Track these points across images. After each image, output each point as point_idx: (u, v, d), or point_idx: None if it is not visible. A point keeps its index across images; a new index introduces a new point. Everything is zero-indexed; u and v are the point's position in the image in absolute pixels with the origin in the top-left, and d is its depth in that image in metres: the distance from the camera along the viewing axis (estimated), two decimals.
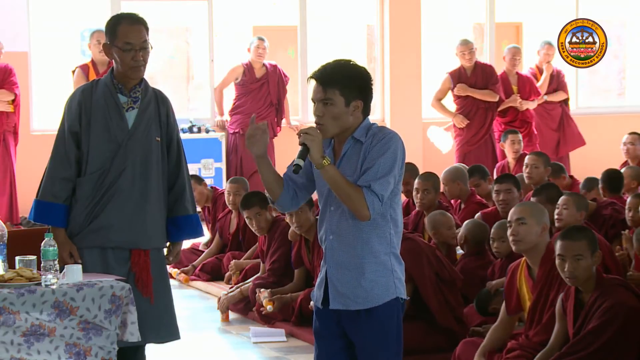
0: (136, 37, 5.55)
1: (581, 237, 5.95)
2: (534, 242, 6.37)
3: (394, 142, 4.45)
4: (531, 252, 6.37)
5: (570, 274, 5.87)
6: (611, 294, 5.82)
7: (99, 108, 5.61)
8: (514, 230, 6.43)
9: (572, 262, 5.86)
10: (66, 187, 5.59)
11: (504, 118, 13.21)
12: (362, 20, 15.97)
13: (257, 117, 13.06)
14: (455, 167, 9.92)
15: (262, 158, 4.49)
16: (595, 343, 5.74)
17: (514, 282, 6.49)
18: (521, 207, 6.60)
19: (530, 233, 6.38)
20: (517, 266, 6.53)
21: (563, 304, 6.03)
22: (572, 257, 5.87)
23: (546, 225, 6.46)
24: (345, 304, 4.49)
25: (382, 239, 4.49)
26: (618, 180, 9.20)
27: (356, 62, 4.51)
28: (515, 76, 13.36)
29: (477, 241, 8.01)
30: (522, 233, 6.39)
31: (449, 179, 9.49)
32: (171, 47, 15.75)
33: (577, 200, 7.65)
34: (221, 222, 10.31)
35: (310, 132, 4.39)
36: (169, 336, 5.79)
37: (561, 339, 5.99)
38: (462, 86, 12.87)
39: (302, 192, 4.64)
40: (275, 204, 4.65)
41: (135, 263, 5.63)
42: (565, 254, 5.88)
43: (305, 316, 7.86)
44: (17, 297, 4.87)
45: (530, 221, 6.40)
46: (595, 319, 5.79)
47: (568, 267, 5.86)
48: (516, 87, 13.31)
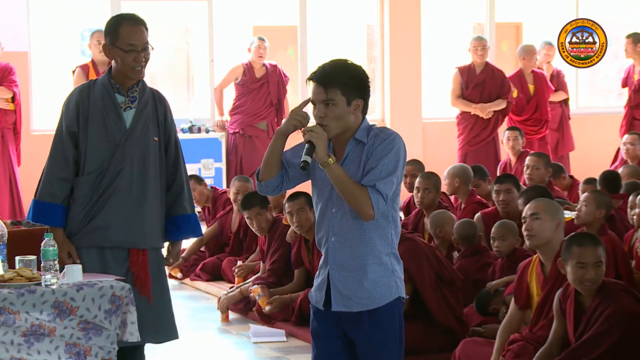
0: (138, 38, 5.55)
1: (598, 242, 5.89)
2: (547, 237, 6.37)
3: (396, 143, 4.45)
4: (545, 248, 6.36)
5: (593, 282, 5.81)
6: (613, 300, 5.77)
7: (96, 108, 5.61)
8: (528, 225, 6.43)
9: (594, 269, 5.82)
10: (64, 187, 5.59)
11: (519, 117, 13.18)
12: (362, 20, 15.96)
13: (257, 117, 13.14)
14: (461, 165, 9.94)
15: (284, 136, 4.52)
16: (597, 350, 5.70)
17: (524, 278, 6.48)
18: (536, 202, 6.58)
19: (544, 229, 6.38)
20: (529, 263, 6.52)
21: (561, 304, 6.01)
22: (593, 264, 5.82)
23: (560, 221, 6.46)
24: (348, 305, 4.49)
25: (384, 239, 4.50)
26: (616, 180, 9.20)
27: (353, 62, 4.51)
28: (531, 75, 13.32)
29: (465, 239, 8.00)
30: (536, 228, 6.39)
31: (450, 174, 9.52)
32: (171, 47, 15.74)
33: (598, 198, 7.53)
34: (222, 220, 10.28)
35: (316, 129, 4.39)
36: (167, 336, 5.79)
37: (560, 338, 5.98)
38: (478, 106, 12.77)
39: (289, 183, 4.62)
40: (260, 181, 4.61)
41: (134, 263, 5.63)
42: (587, 260, 5.81)
43: (305, 316, 7.86)
44: (17, 297, 4.87)
45: (545, 217, 6.41)
46: (597, 325, 5.75)
47: (589, 274, 5.79)
48: (532, 86, 13.28)
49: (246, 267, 9.36)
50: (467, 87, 12.86)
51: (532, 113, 13.23)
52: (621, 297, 5.83)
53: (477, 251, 8.02)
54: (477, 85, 12.90)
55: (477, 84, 12.89)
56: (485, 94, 12.89)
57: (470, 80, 12.90)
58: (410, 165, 10.19)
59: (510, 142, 11.87)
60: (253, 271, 9.20)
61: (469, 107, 12.83)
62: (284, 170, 4.60)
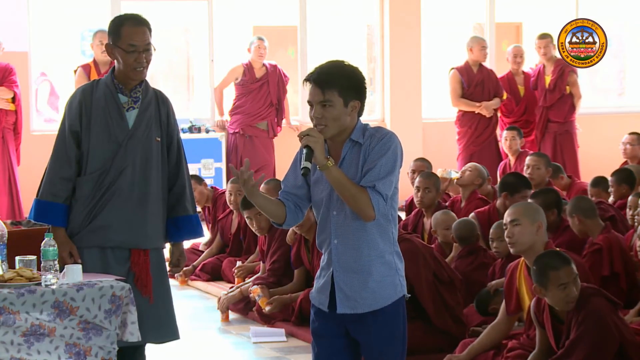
0: (140, 39, 5.55)
1: (567, 260, 5.90)
2: (530, 242, 6.35)
3: (393, 142, 4.45)
4: (529, 252, 6.34)
5: (575, 297, 5.84)
6: (588, 304, 5.80)
7: (99, 108, 5.61)
8: (509, 232, 6.42)
9: (574, 284, 5.84)
10: (66, 186, 5.59)
11: (508, 118, 13.19)
12: (362, 20, 15.96)
13: (257, 117, 13.14)
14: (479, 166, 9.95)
15: (255, 197, 4.44)
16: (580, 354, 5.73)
17: (514, 282, 6.48)
18: (514, 208, 6.56)
19: (525, 233, 6.36)
20: (516, 266, 6.52)
21: (537, 316, 6.01)
22: (573, 280, 5.84)
23: (541, 223, 6.43)
24: (354, 307, 4.48)
25: (386, 238, 4.50)
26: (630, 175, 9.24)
27: (350, 63, 4.50)
28: (521, 76, 13.33)
29: (463, 239, 8.01)
30: (517, 234, 6.37)
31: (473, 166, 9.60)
32: (171, 47, 15.73)
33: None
34: (222, 222, 10.31)
35: (312, 133, 4.38)
36: (168, 336, 5.79)
37: (546, 346, 6.00)
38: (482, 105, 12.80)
39: (304, 202, 4.60)
40: (283, 226, 4.62)
41: (135, 263, 5.63)
42: (567, 280, 5.83)
43: (305, 316, 7.86)
44: (17, 297, 4.87)
45: (524, 221, 6.38)
46: (574, 331, 5.78)
47: (572, 292, 5.82)
48: (522, 87, 13.28)
49: (246, 268, 9.36)
50: (469, 86, 12.87)
51: (521, 115, 13.23)
52: (595, 301, 5.83)
53: (473, 251, 8.02)
54: (478, 84, 12.91)
55: (477, 83, 12.91)
56: (485, 93, 12.91)
57: (471, 80, 12.90)
58: (419, 162, 10.22)
59: (508, 142, 11.90)
60: (253, 272, 9.21)
61: (472, 106, 12.83)
62: (291, 197, 4.56)
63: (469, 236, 8.02)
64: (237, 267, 9.40)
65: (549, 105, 12.98)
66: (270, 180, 9.97)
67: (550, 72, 13.00)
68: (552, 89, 12.95)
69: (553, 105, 12.98)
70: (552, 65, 12.97)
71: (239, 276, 9.27)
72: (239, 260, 9.66)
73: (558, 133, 12.98)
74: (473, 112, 12.86)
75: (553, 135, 12.98)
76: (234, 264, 9.59)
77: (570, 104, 13.01)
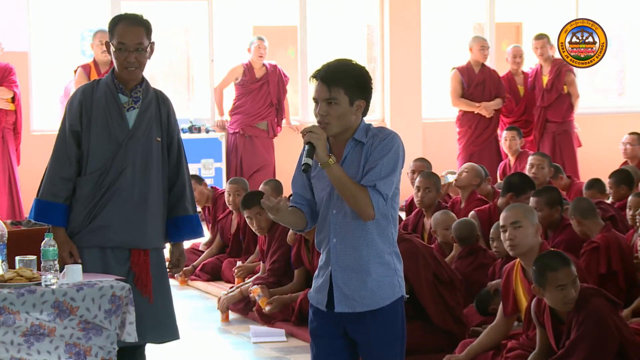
0: (130, 38, 5.54)
1: (567, 261, 5.88)
2: (530, 244, 6.33)
3: (395, 142, 4.45)
4: (528, 254, 6.32)
5: (573, 298, 5.82)
6: (587, 304, 5.80)
7: (99, 107, 5.62)
8: (511, 235, 6.34)
9: (572, 286, 5.83)
10: (66, 186, 5.59)
11: (508, 118, 13.19)
12: (362, 20, 15.97)
13: (257, 117, 13.13)
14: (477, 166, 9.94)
15: (281, 216, 4.45)
16: (580, 355, 5.73)
17: (510, 284, 6.46)
18: (513, 210, 6.50)
19: (527, 235, 6.32)
20: (512, 268, 6.49)
21: (537, 316, 6.00)
22: (571, 282, 5.83)
23: (538, 225, 6.43)
24: (352, 306, 4.48)
25: (386, 238, 4.50)
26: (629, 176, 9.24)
27: (357, 62, 4.51)
28: (521, 76, 13.33)
29: (463, 239, 8.01)
30: (520, 236, 6.32)
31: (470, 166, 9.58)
32: (171, 47, 15.74)
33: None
34: (222, 222, 10.31)
35: (315, 130, 4.38)
36: (168, 336, 5.79)
37: (546, 345, 6.00)
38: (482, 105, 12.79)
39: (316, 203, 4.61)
40: (304, 231, 4.66)
41: (135, 263, 5.63)
42: (565, 281, 5.82)
43: (305, 316, 7.81)
44: (17, 297, 4.87)
45: (525, 223, 6.35)
46: (574, 332, 5.77)
47: (570, 293, 5.81)
48: (522, 87, 13.28)
49: (246, 268, 9.36)
50: (469, 87, 12.87)
51: (521, 115, 13.22)
52: (595, 302, 5.83)
53: (473, 251, 8.02)
54: (478, 85, 12.91)
55: (478, 83, 12.90)
56: (486, 93, 12.91)
57: (471, 80, 12.90)
58: (419, 162, 10.22)
59: (508, 142, 11.90)
60: (253, 272, 9.21)
61: (472, 107, 12.83)
62: (304, 203, 4.57)
63: (469, 236, 8.02)
64: (237, 267, 9.40)
65: (547, 105, 12.98)
66: (269, 181, 9.98)
67: (548, 72, 13.01)
68: (549, 89, 12.96)
69: (551, 105, 12.98)
70: (549, 65, 12.98)
71: (238, 276, 9.27)
72: (239, 261, 9.66)
73: (557, 133, 12.98)
74: (473, 112, 12.86)
75: (552, 135, 12.98)
76: (233, 264, 9.59)
77: (568, 104, 13.01)
